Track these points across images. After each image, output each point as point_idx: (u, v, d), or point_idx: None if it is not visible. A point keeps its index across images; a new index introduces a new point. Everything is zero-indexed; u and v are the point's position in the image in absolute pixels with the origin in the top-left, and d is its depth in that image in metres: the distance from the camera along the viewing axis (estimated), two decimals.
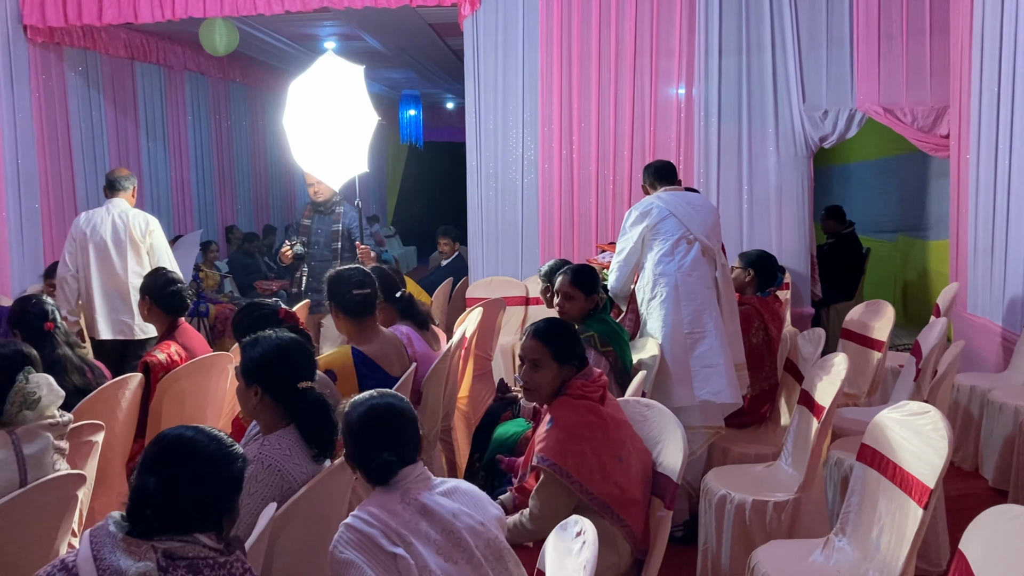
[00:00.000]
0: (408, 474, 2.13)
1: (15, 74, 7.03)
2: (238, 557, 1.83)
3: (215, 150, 10.55)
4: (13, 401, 2.51)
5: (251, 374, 2.55)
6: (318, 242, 5.54)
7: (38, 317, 3.51)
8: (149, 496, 1.75)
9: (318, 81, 4.86)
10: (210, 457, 1.82)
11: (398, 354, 3.61)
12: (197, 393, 3.87)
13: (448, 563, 2.03)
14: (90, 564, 1.67)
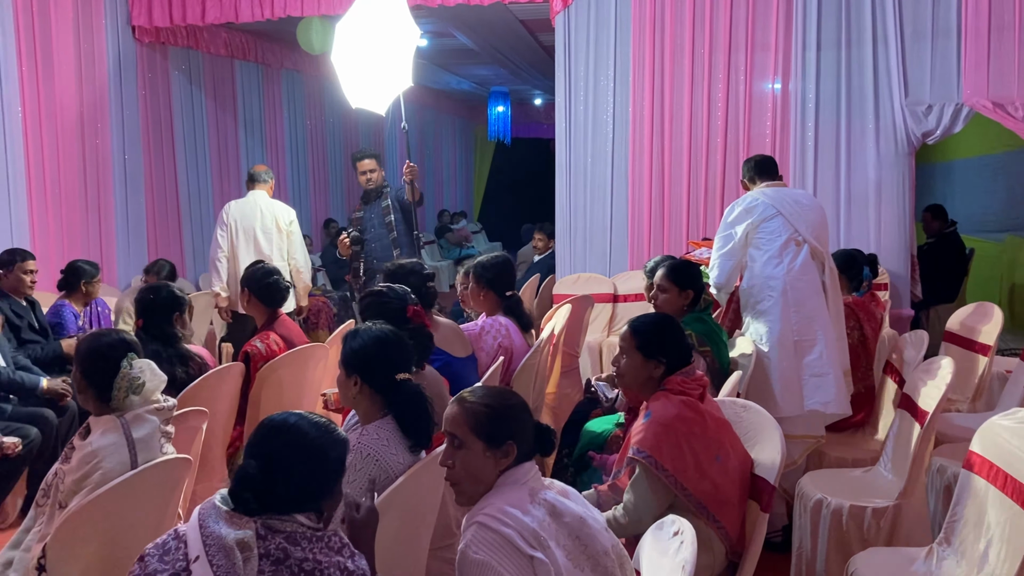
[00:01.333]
0: (528, 470, 2.10)
1: (123, 73, 7.33)
2: (336, 532, 1.88)
3: (309, 146, 10.79)
4: (119, 387, 2.60)
5: (351, 364, 2.61)
6: (373, 226, 5.78)
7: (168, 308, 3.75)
8: (251, 479, 1.82)
9: (359, 12, 4.96)
10: (311, 442, 1.87)
11: (458, 338, 3.66)
12: (294, 382, 3.97)
13: (576, 569, 1.98)
14: (196, 531, 1.77)
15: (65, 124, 6.66)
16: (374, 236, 5.79)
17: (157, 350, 3.55)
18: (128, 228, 7.42)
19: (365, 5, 4.97)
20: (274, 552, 1.77)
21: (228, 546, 1.72)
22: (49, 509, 2.48)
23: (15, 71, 6.17)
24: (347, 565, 1.84)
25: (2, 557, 2.51)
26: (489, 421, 2.08)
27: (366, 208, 5.87)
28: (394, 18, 4.91)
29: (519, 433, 2.10)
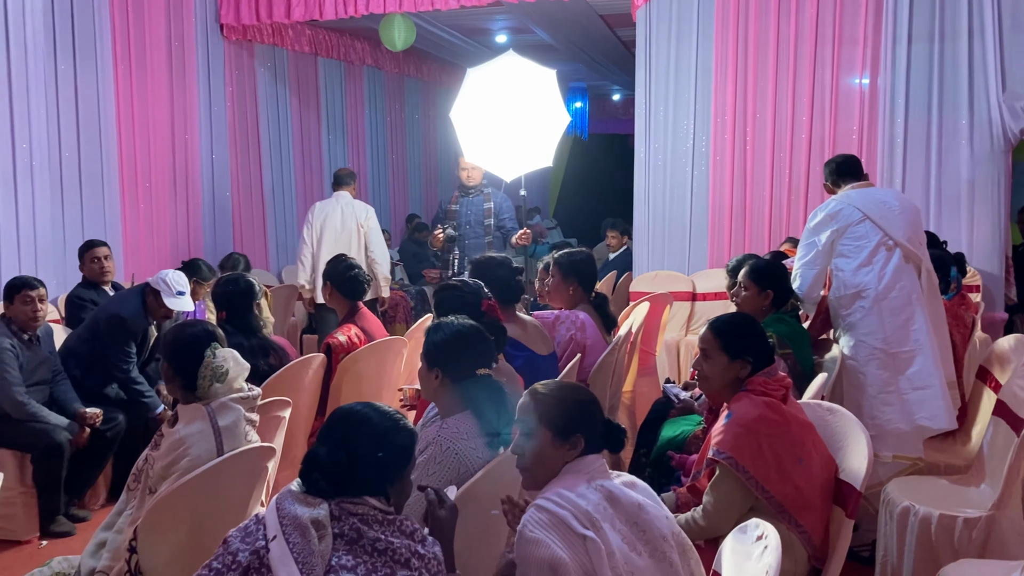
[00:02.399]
0: (592, 462, 2.13)
1: (211, 70, 7.53)
2: (407, 517, 1.93)
3: (389, 142, 10.93)
4: (204, 376, 2.67)
5: (432, 358, 2.62)
6: (469, 223, 5.87)
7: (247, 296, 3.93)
8: (320, 461, 1.90)
9: (499, 77, 5.01)
10: (378, 429, 1.94)
11: (540, 335, 3.64)
12: (373, 374, 4.03)
13: (633, 553, 2.01)
14: (273, 513, 1.84)
15: (156, 120, 6.87)
16: (469, 232, 5.89)
17: (240, 342, 3.64)
18: (214, 221, 7.63)
19: (506, 70, 5.02)
20: (348, 532, 1.83)
21: (303, 525, 1.78)
22: (140, 493, 2.56)
23: (110, 69, 6.39)
24: (419, 550, 1.88)
25: (96, 538, 2.60)
26: (558, 414, 2.16)
27: (462, 201, 5.96)
28: (545, 96, 4.99)
29: (587, 427, 2.17)
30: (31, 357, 4.23)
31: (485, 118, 5.03)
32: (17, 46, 5.58)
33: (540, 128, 5.03)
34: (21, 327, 4.20)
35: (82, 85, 6.14)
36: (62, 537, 4.19)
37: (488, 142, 5.10)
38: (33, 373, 4.24)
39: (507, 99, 4.95)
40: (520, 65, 5.05)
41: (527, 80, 5.00)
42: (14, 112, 5.58)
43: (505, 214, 5.89)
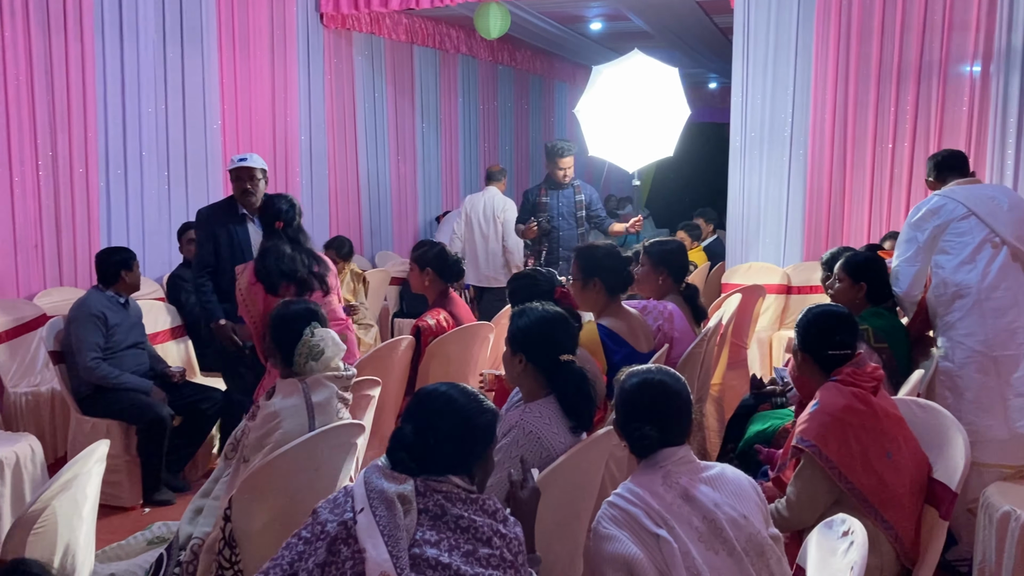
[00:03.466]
0: (670, 455, 2.11)
1: (311, 59, 7.71)
2: (490, 497, 1.96)
3: (481, 130, 11.00)
4: (301, 353, 2.76)
5: (516, 343, 2.64)
6: (561, 214, 6.07)
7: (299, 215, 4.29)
8: (405, 440, 1.94)
9: (625, 74, 5.49)
10: (460, 409, 1.97)
11: (644, 330, 3.57)
12: (460, 358, 4.08)
13: (709, 552, 1.99)
14: (361, 486, 1.88)
15: (257, 106, 7.08)
16: (562, 224, 6.08)
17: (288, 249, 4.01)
18: (312, 206, 7.82)
19: (631, 69, 5.47)
20: (432, 508, 1.87)
21: (389, 499, 1.82)
22: (236, 462, 2.66)
23: (215, 56, 6.61)
24: (500, 529, 1.90)
25: (193, 504, 2.72)
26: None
27: (552, 193, 6.13)
28: (668, 91, 5.45)
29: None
30: (126, 318, 4.53)
31: (610, 113, 5.45)
32: (130, 34, 5.83)
33: (663, 121, 5.43)
34: (126, 292, 4.57)
35: (188, 72, 6.37)
36: (163, 505, 4.40)
37: (612, 136, 5.53)
38: (129, 334, 4.52)
39: (632, 95, 5.39)
40: (645, 63, 5.49)
41: (652, 77, 5.42)
42: (126, 98, 5.84)
43: (596, 206, 6.14)
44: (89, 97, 5.53)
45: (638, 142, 5.50)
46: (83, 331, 4.32)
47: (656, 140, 5.50)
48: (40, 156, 5.27)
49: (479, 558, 1.84)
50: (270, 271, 3.97)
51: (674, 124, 5.51)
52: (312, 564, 1.78)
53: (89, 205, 5.60)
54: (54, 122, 5.33)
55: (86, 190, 5.56)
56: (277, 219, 4.11)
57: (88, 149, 5.56)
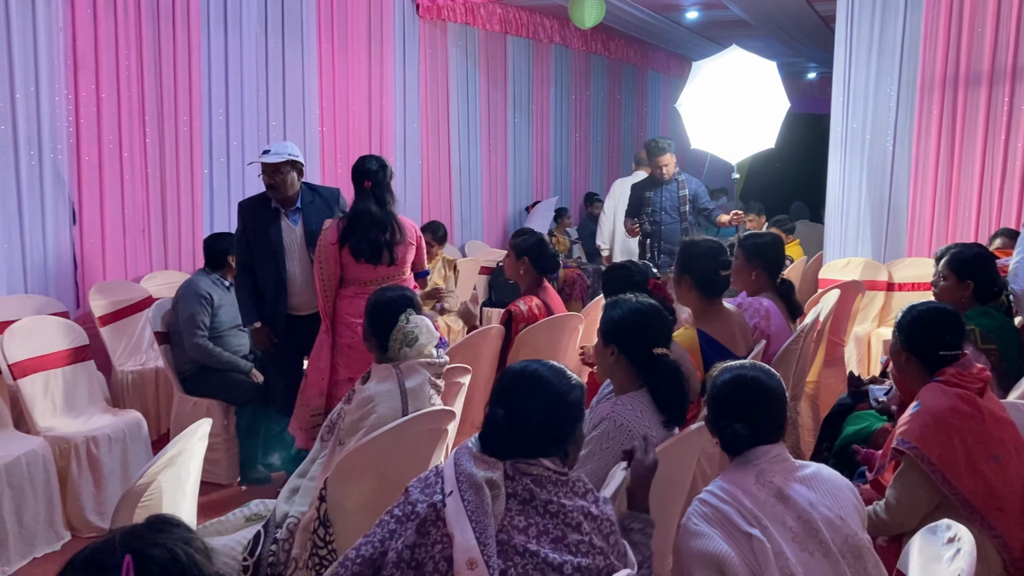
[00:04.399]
0: (763, 453, 2.07)
1: (407, 49, 7.80)
2: (580, 477, 1.94)
3: (573, 121, 10.96)
4: (395, 339, 2.80)
5: (609, 334, 2.62)
6: (664, 208, 6.09)
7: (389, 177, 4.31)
8: (498, 424, 1.92)
9: (725, 69, 5.64)
10: (550, 386, 1.96)
11: (743, 332, 3.51)
12: (549, 347, 4.08)
13: (803, 553, 1.95)
14: (451, 469, 1.89)
15: (354, 96, 7.21)
16: (665, 218, 6.11)
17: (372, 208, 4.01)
18: (404, 195, 7.93)
19: (731, 64, 5.63)
20: (521, 492, 1.86)
21: (478, 483, 1.82)
22: (331, 444, 2.72)
23: (315, 47, 6.75)
24: (591, 510, 1.89)
25: (290, 484, 2.79)
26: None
27: (654, 190, 6.15)
28: (767, 85, 5.60)
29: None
30: (229, 300, 4.67)
31: (712, 106, 5.60)
32: (233, 26, 6.00)
33: (763, 114, 5.58)
34: (227, 276, 4.71)
35: (288, 63, 6.52)
36: (258, 484, 4.54)
37: (714, 129, 5.68)
38: (231, 316, 4.67)
39: (732, 89, 5.52)
40: (744, 58, 5.61)
41: (750, 71, 5.56)
42: (229, 88, 6.01)
43: (704, 198, 6.20)
44: (195, 87, 5.72)
45: (739, 135, 5.63)
46: (191, 311, 4.49)
47: (757, 132, 5.64)
48: (148, 144, 5.47)
49: (568, 544, 1.83)
50: (357, 238, 3.96)
51: (774, 117, 5.63)
52: (402, 544, 1.80)
53: (193, 191, 5.80)
54: (161, 111, 5.53)
55: (191, 177, 5.76)
56: (366, 178, 4.07)
57: (193, 138, 5.75)
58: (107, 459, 4.01)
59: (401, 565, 1.79)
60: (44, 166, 4.85)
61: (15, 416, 4.10)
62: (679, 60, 13.44)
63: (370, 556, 1.84)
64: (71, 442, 3.91)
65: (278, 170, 4.08)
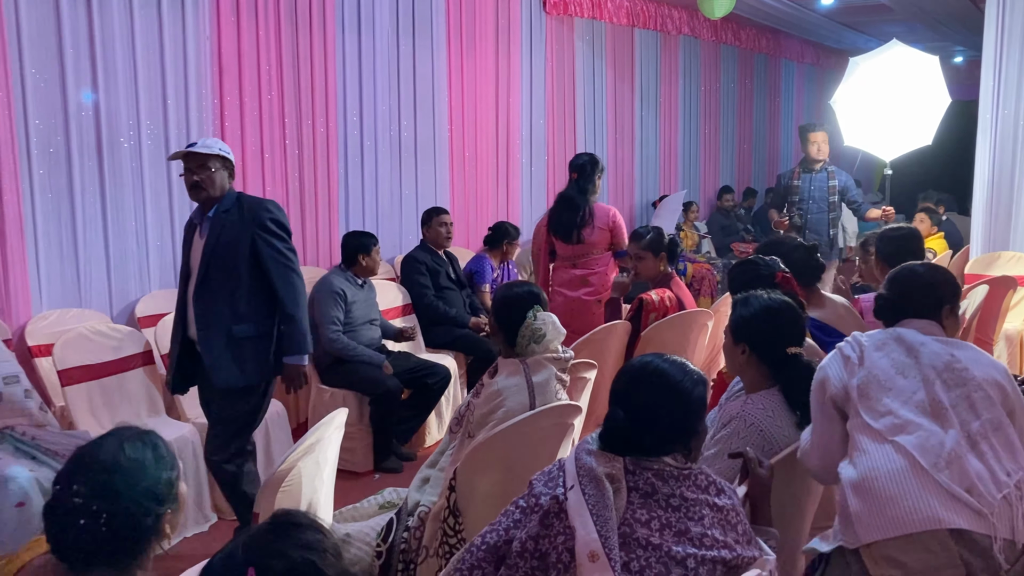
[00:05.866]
0: (911, 323, 2.37)
1: (533, 46, 7.85)
2: (702, 470, 1.92)
3: (702, 113, 10.77)
4: (523, 335, 2.83)
5: (739, 332, 2.57)
6: (812, 198, 6.07)
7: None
8: (617, 424, 1.91)
9: (885, 65, 5.61)
10: (673, 381, 1.93)
11: (853, 317, 3.48)
12: (678, 344, 4.03)
13: (899, 376, 2.21)
14: (572, 463, 1.90)
15: (482, 94, 7.30)
16: (812, 207, 6.08)
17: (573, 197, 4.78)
18: (531, 188, 7.99)
19: (891, 60, 5.60)
20: (642, 486, 1.85)
21: (598, 477, 1.83)
22: (460, 436, 2.78)
23: (444, 47, 6.88)
24: (715, 501, 1.88)
25: (421, 473, 2.87)
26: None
27: (805, 177, 6.13)
28: (928, 80, 5.56)
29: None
30: (364, 298, 4.86)
31: (868, 103, 5.59)
32: (367, 29, 6.18)
33: (922, 110, 5.54)
34: (362, 275, 4.90)
35: (419, 63, 6.67)
36: (391, 473, 4.68)
37: (869, 126, 5.67)
38: (365, 311, 4.86)
39: (891, 85, 5.50)
40: (905, 53, 5.58)
41: (911, 67, 5.52)
42: (363, 90, 6.20)
43: (852, 191, 6.19)
44: (331, 89, 5.93)
45: (896, 131, 5.59)
46: (325, 306, 4.67)
47: (915, 129, 5.58)
48: (288, 146, 5.71)
49: (691, 538, 1.81)
50: (554, 218, 5.00)
51: (934, 113, 5.59)
52: (526, 535, 1.83)
53: (330, 191, 6.01)
54: (299, 114, 5.76)
55: (327, 177, 5.98)
56: (573, 171, 5.01)
57: (329, 139, 5.97)
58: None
59: (525, 555, 1.82)
60: None
61: (166, 404, 4.37)
62: (813, 48, 12.99)
63: (495, 544, 1.88)
64: None
65: (205, 165, 3.40)
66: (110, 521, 1.61)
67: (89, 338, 4.14)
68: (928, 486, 2.04)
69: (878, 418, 2.16)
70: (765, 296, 2.63)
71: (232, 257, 3.37)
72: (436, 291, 5.62)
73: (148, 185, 4.92)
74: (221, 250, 3.38)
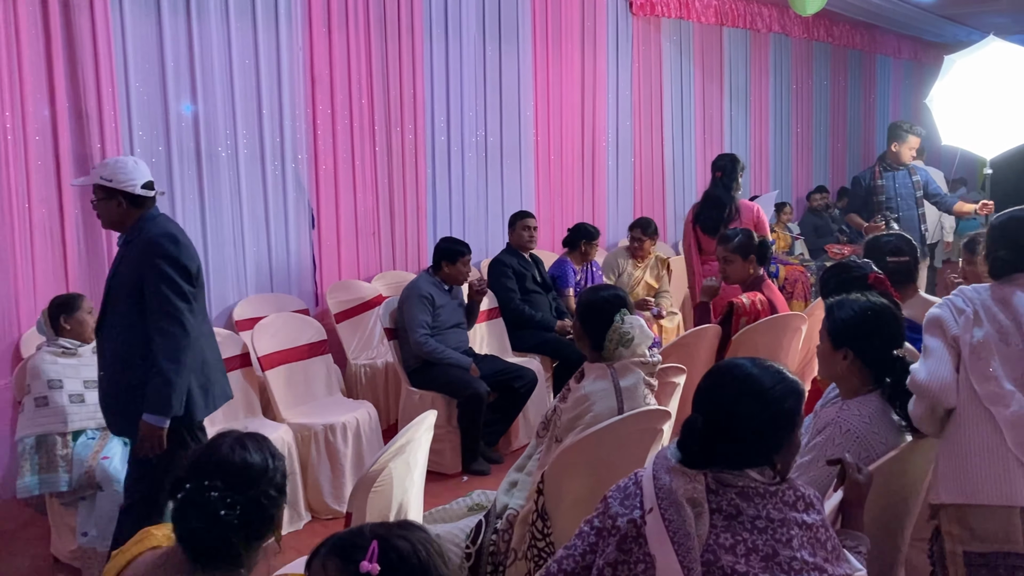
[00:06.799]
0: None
1: (620, 48, 7.81)
2: (790, 485, 1.79)
3: (793, 112, 10.53)
4: (611, 339, 2.81)
5: (840, 337, 2.48)
6: (900, 195, 5.97)
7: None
8: (698, 432, 1.78)
9: (983, 62, 5.49)
10: (763, 390, 1.77)
11: None
12: (770, 348, 3.95)
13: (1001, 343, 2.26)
14: (650, 481, 1.77)
15: (567, 97, 7.30)
16: (901, 205, 5.99)
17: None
18: (617, 190, 7.95)
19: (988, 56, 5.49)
20: (726, 508, 1.72)
21: (678, 502, 1.71)
22: (547, 441, 2.78)
23: (530, 50, 6.90)
24: (803, 519, 1.75)
25: (509, 477, 2.88)
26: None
27: (887, 175, 6.03)
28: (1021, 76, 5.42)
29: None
30: (450, 302, 4.91)
31: (966, 101, 5.51)
32: (454, 35, 6.26)
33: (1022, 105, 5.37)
34: (447, 281, 4.92)
35: (505, 68, 6.71)
36: (479, 475, 4.72)
37: (968, 124, 5.59)
38: (452, 315, 4.91)
39: (990, 82, 5.39)
40: (1003, 49, 5.46)
41: (1011, 63, 5.39)
42: (449, 95, 6.28)
43: (932, 185, 6.07)
44: (419, 95, 6.02)
45: (995, 129, 5.50)
46: (414, 310, 4.74)
47: (1017, 126, 5.43)
48: (377, 152, 5.82)
49: (779, 562, 1.69)
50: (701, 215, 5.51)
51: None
52: (603, 562, 1.75)
53: (418, 196, 6.10)
54: (389, 121, 5.86)
55: (415, 182, 6.07)
56: (717, 170, 5.58)
57: (418, 145, 6.06)
58: (342, 447, 4.31)
59: None
60: (287, 175, 5.29)
61: (263, 404, 4.50)
62: (911, 43, 12.57)
63: (572, 571, 1.80)
64: (311, 430, 4.24)
65: (94, 194, 3.12)
66: (244, 512, 1.68)
67: None
68: (1012, 463, 2.20)
69: (982, 382, 2.25)
70: (863, 299, 2.55)
71: (124, 297, 3.01)
72: (522, 294, 5.64)
73: (244, 193, 5.09)
74: (115, 289, 3.07)
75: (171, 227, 3.09)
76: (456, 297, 5.00)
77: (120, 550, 2.03)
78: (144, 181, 3.07)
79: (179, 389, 2.95)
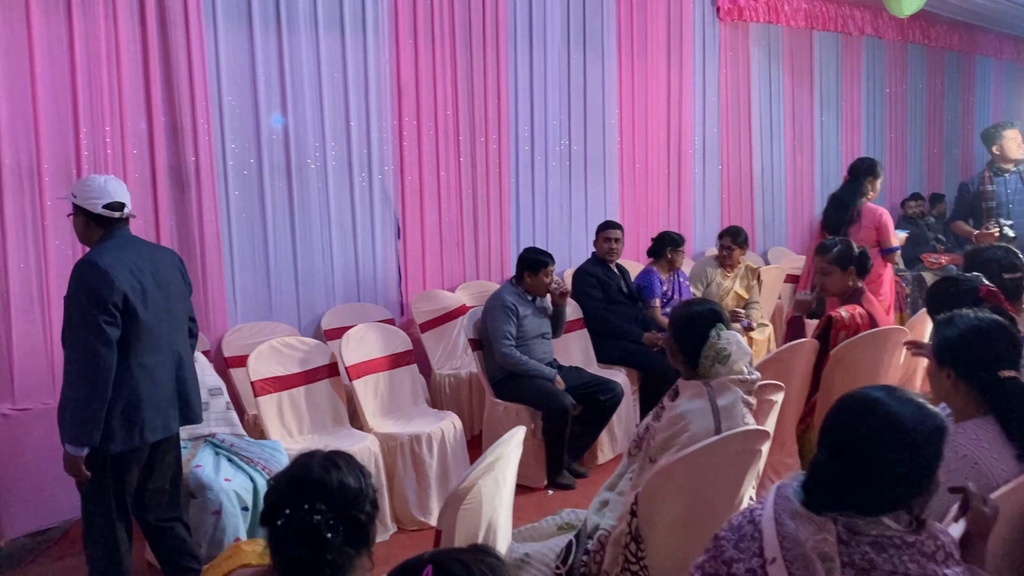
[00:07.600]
0: None
1: (706, 54, 7.67)
2: (930, 534, 1.63)
3: (887, 116, 10.18)
4: (707, 355, 2.70)
5: (943, 355, 2.37)
6: (1011, 200, 5.79)
7: None
8: (826, 474, 1.63)
9: None
10: (902, 427, 1.60)
11: None
12: (869, 365, 3.79)
13: None
14: (772, 526, 1.63)
15: (653, 105, 7.20)
16: (1016, 212, 5.83)
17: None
18: (704, 199, 7.80)
19: None
20: (859, 561, 1.56)
21: (808, 557, 1.56)
22: (640, 460, 2.70)
23: (615, 59, 6.83)
24: (943, 572, 1.60)
25: (600, 496, 2.81)
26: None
27: (998, 180, 5.87)
28: None
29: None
30: (534, 314, 4.86)
31: None
32: (538, 44, 6.23)
33: None
34: (530, 292, 4.86)
35: (590, 76, 6.66)
36: (564, 489, 4.65)
37: None
38: (537, 326, 4.87)
39: None
40: None
41: None
42: (534, 104, 6.25)
43: None
44: (503, 106, 6.01)
45: None
46: (498, 320, 4.71)
47: None
48: (462, 163, 5.83)
49: None
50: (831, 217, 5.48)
51: None
52: None
53: (501, 206, 6.09)
54: (473, 131, 5.86)
55: (499, 193, 6.05)
56: (848, 173, 5.61)
57: (501, 155, 6.04)
58: (428, 457, 4.29)
59: None
60: (374, 187, 5.33)
61: (350, 414, 4.52)
62: (1014, 42, 12.03)
63: None
64: (398, 440, 4.24)
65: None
66: (347, 532, 1.68)
67: (280, 350, 4.34)
68: None
69: None
70: (972, 315, 2.41)
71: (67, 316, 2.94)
72: (607, 304, 5.56)
73: (333, 204, 5.15)
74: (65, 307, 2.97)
75: (108, 253, 2.94)
76: (540, 306, 4.95)
77: (211, 564, 2.04)
78: (108, 201, 2.99)
79: (81, 418, 2.80)
